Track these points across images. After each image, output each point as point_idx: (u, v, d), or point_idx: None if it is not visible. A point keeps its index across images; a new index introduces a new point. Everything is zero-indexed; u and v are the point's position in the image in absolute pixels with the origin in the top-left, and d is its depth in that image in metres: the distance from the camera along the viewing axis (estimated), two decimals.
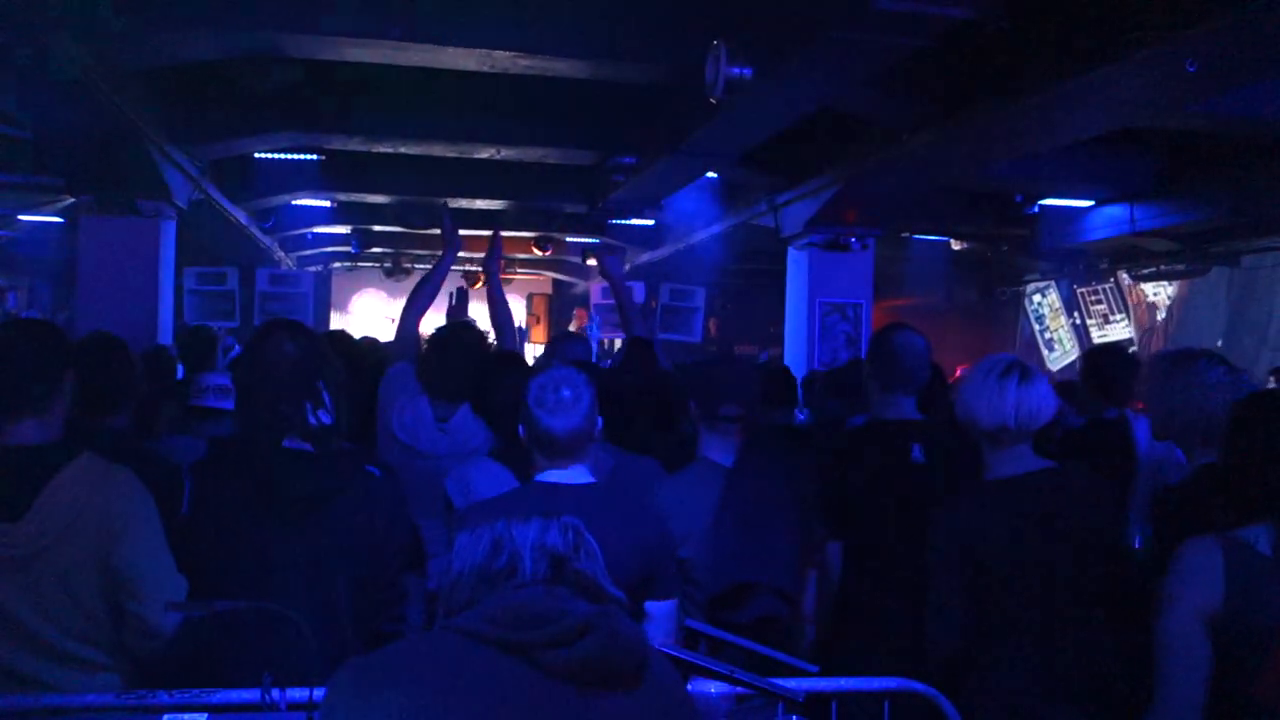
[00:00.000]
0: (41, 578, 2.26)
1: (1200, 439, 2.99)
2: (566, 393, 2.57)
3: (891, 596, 3.22)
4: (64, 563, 2.27)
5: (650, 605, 2.63)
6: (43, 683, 2.24)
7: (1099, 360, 4.84)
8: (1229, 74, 5.37)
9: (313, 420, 2.48)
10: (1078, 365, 5.28)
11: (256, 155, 9.80)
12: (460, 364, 3.76)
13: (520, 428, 2.65)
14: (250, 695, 2.09)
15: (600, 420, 2.68)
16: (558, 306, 19.27)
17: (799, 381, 5.71)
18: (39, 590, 2.26)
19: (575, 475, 2.62)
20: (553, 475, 2.62)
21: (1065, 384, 6.08)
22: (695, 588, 3.00)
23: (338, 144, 9.58)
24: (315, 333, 2.78)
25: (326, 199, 12.48)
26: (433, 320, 4.43)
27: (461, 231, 4.77)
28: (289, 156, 9.87)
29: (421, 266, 16.88)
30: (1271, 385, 9.04)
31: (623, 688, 1.46)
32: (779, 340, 11.04)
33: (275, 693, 2.03)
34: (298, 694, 2.02)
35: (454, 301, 5.84)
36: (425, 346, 4.03)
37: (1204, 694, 2.14)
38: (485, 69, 6.90)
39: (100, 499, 2.33)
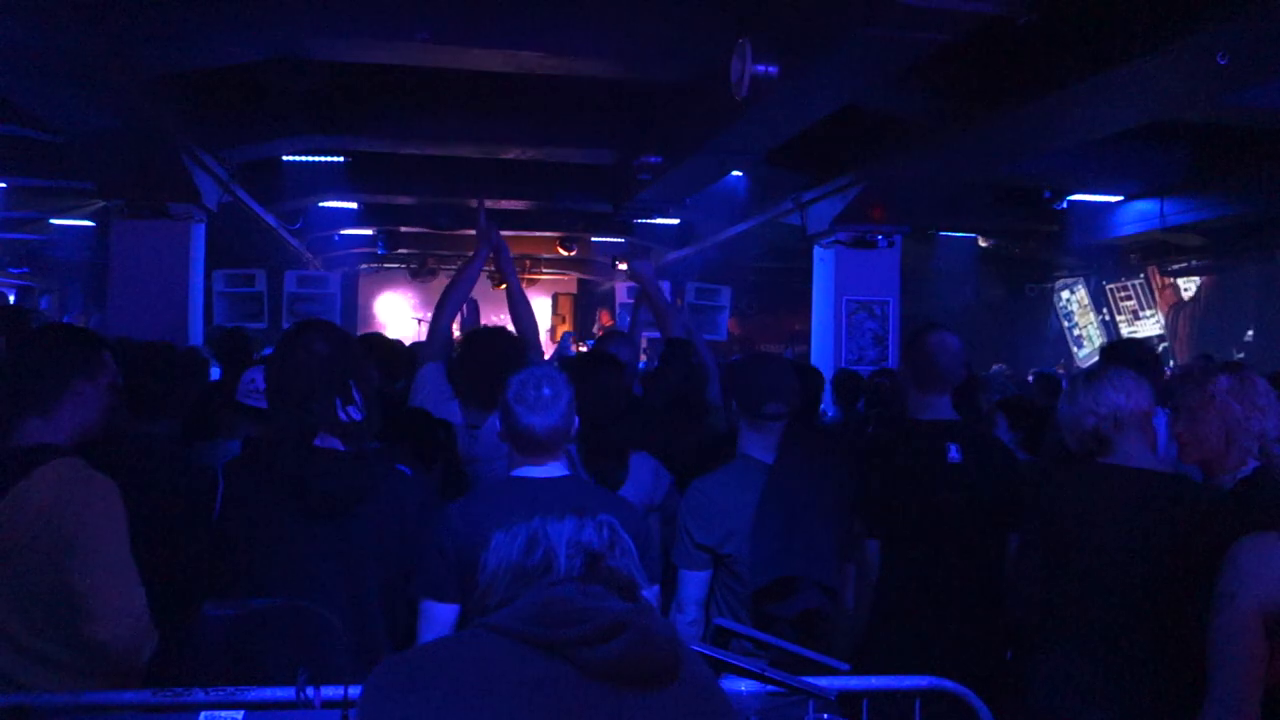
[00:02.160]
0: (3, 576, 2.25)
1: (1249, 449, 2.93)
2: (547, 390, 2.57)
3: (928, 595, 3.22)
4: (23, 565, 2.24)
5: None
6: (14, 681, 2.22)
7: (1117, 355, 4.76)
8: (1261, 66, 5.31)
9: (343, 417, 2.49)
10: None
11: (284, 158, 9.88)
12: (494, 370, 3.75)
13: (497, 422, 2.65)
14: (285, 693, 2.09)
15: (577, 420, 2.67)
16: (583, 306, 19.29)
17: (829, 380, 5.73)
18: (5, 587, 2.24)
19: (550, 471, 2.62)
20: (527, 470, 2.61)
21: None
22: (739, 582, 3.02)
23: (364, 146, 9.65)
24: (347, 333, 2.79)
25: (353, 201, 12.57)
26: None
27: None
28: (316, 159, 9.94)
29: (448, 268, 16.92)
30: None
31: (658, 685, 1.45)
32: (803, 338, 11.01)
33: (310, 690, 2.03)
34: (332, 691, 2.03)
35: (466, 313, 5.72)
36: (458, 350, 4.02)
37: (1260, 690, 2.14)
38: (511, 70, 6.92)
39: (66, 506, 2.27)
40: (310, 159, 9.98)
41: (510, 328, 4.15)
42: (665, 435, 3.75)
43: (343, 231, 14.38)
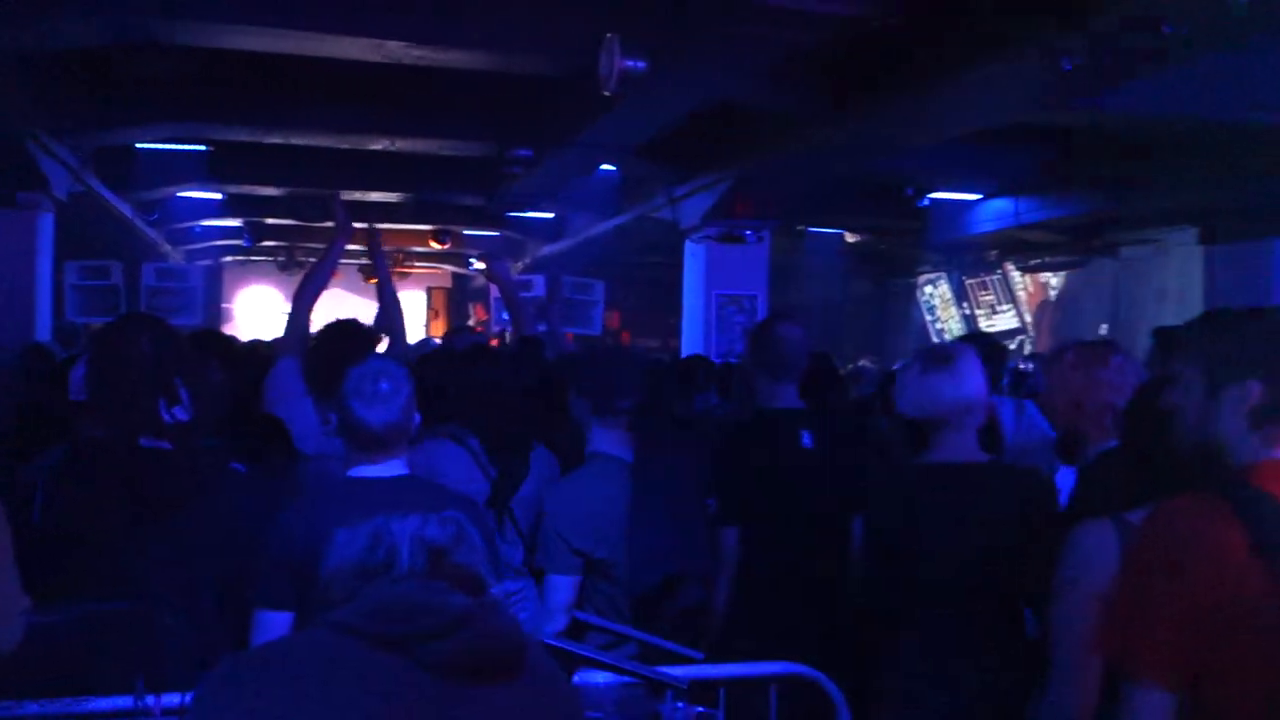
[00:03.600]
0: None
1: (1109, 427, 3.05)
2: (384, 385, 2.52)
3: (785, 581, 3.28)
4: None
5: None
6: None
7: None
8: (1104, 72, 5.57)
9: (168, 418, 2.41)
10: None
11: (141, 146, 9.49)
12: (346, 365, 3.68)
13: (334, 418, 2.60)
14: (123, 702, 2.03)
15: (418, 416, 2.64)
16: (458, 300, 19.09)
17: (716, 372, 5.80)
18: None
19: (388, 469, 2.57)
20: (364, 470, 2.56)
21: None
22: (612, 585, 2.99)
23: (226, 135, 9.35)
24: (172, 328, 2.69)
25: (215, 191, 12.15)
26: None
27: (355, 225, 4.65)
28: (174, 147, 9.59)
29: (316, 260, 16.52)
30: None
31: (501, 680, 1.45)
32: (679, 332, 11.12)
33: (150, 699, 1.98)
34: (172, 699, 1.98)
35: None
36: (311, 345, 3.93)
37: (1097, 677, 2.21)
38: (377, 59, 6.80)
39: None
40: (169, 147, 9.62)
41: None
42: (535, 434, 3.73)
43: (205, 223, 13.90)
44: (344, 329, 3.88)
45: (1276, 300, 9.14)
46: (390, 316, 4.34)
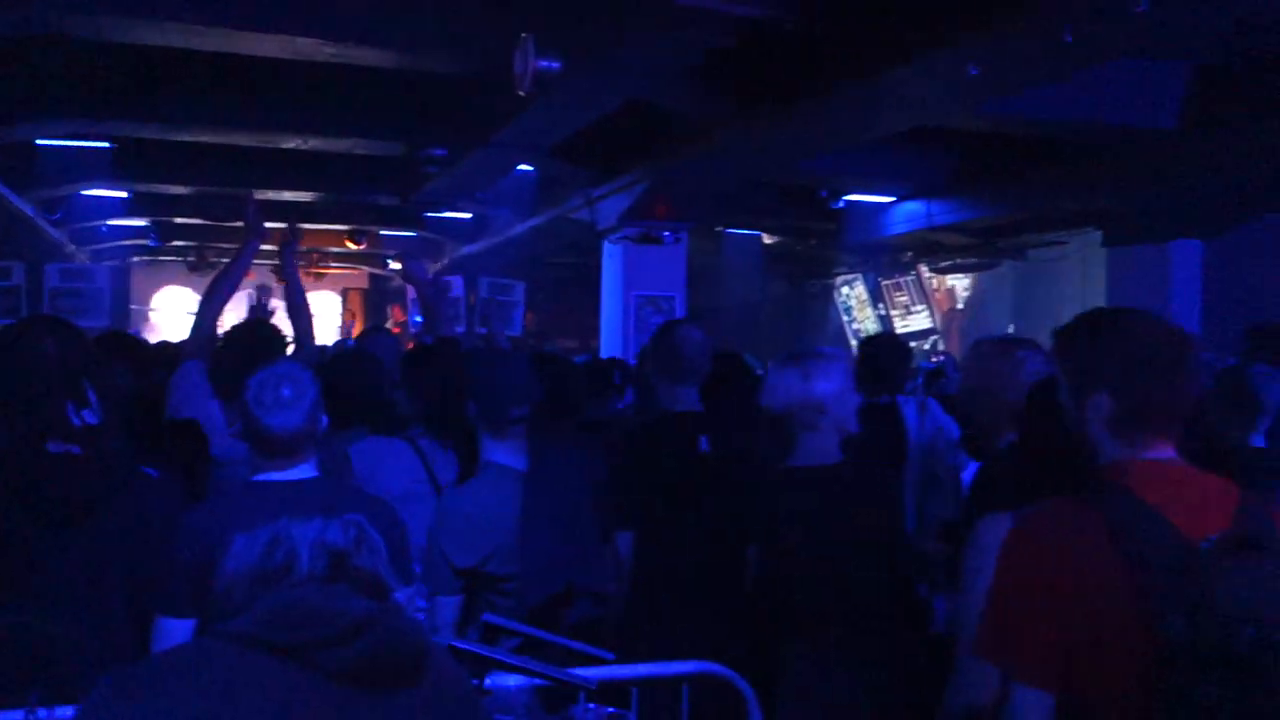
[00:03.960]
0: None
1: (1013, 422, 3.12)
2: (287, 391, 2.50)
3: (683, 584, 3.29)
4: None
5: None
6: None
7: (873, 349, 5.07)
8: (1008, 78, 5.72)
9: (76, 421, 2.35)
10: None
11: (40, 142, 9.19)
12: (253, 367, 3.61)
13: (239, 424, 2.58)
14: (14, 716, 1.96)
15: (325, 419, 2.61)
16: (374, 302, 18.83)
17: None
18: None
19: (294, 473, 2.55)
20: (269, 474, 2.54)
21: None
22: (507, 599, 2.93)
23: (131, 131, 9.10)
24: (79, 330, 2.63)
25: (122, 189, 11.82)
26: (232, 320, 4.25)
27: (268, 224, 4.57)
28: (77, 144, 9.29)
29: (229, 260, 16.19)
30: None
31: (400, 686, 1.43)
32: (599, 333, 11.11)
33: (42, 712, 1.91)
34: (65, 712, 1.92)
35: (255, 301, 5.51)
36: (218, 346, 3.85)
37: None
38: (288, 56, 6.69)
39: None
40: (71, 144, 9.32)
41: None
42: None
43: (111, 222, 13.50)
44: (252, 331, 3.82)
45: (1176, 301, 9.44)
46: (298, 320, 4.27)
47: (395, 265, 14.33)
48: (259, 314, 5.35)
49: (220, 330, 4.21)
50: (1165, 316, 1.97)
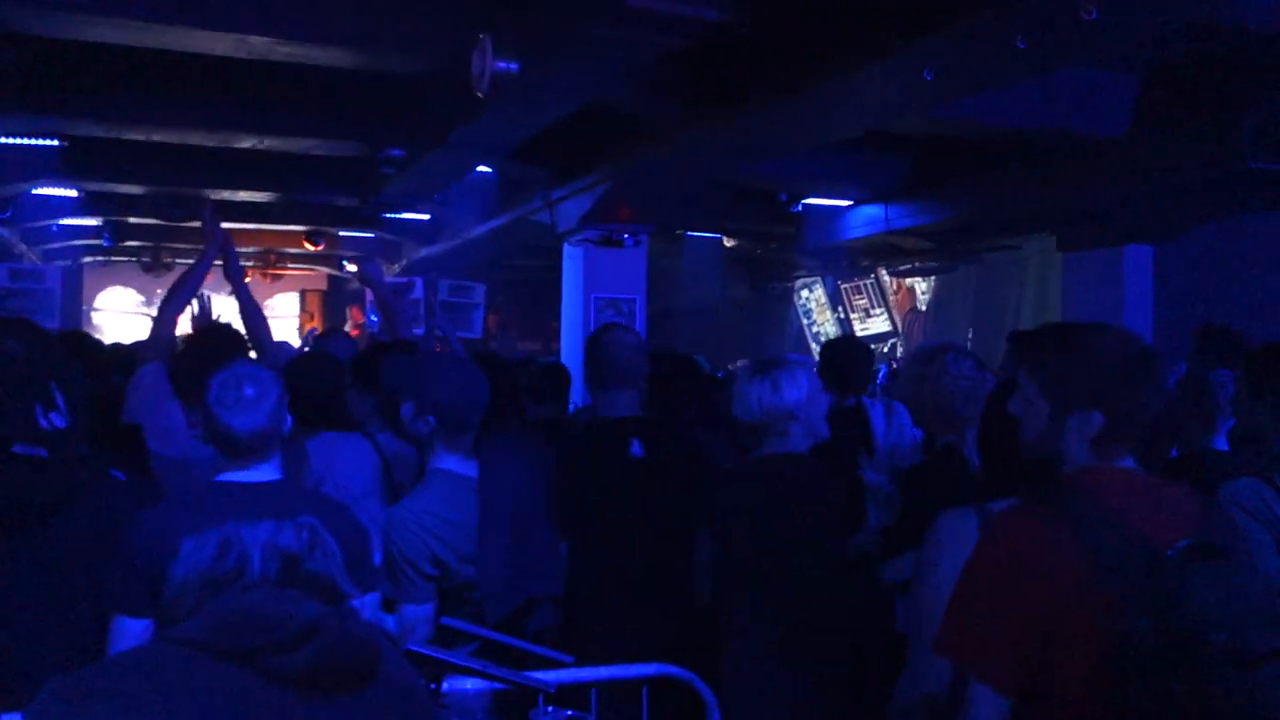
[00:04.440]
0: None
1: (943, 423, 3.20)
2: (249, 390, 2.49)
3: (620, 590, 3.29)
4: None
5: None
6: None
7: (833, 353, 5.10)
8: (963, 82, 5.77)
9: (45, 424, 2.32)
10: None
11: None
12: (217, 367, 3.57)
13: (203, 423, 2.56)
14: None
15: (290, 420, 2.60)
16: (333, 303, 18.67)
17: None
18: None
19: (257, 474, 2.54)
20: (231, 475, 2.53)
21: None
22: (469, 607, 2.91)
23: (83, 129, 8.95)
24: (46, 332, 2.60)
25: (73, 188, 11.65)
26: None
27: (224, 225, 4.51)
28: (25, 141, 9.13)
29: (184, 261, 16.03)
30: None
31: (350, 690, 1.42)
32: (560, 335, 11.10)
33: None
34: (12, 719, 1.88)
35: (198, 309, 5.33)
36: (181, 349, 3.82)
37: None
38: (242, 55, 6.61)
39: None
40: (19, 141, 9.16)
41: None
42: None
43: (62, 221, 13.30)
44: (214, 333, 3.78)
45: (1129, 305, 9.59)
46: (252, 324, 4.23)
47: (351, 268, 14.20)
48: (203, 319, 5.26)
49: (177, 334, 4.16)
50: (1124, 328, 2.03)
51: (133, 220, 13.47)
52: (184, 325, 4.17)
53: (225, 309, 7.13)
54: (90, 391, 3.56)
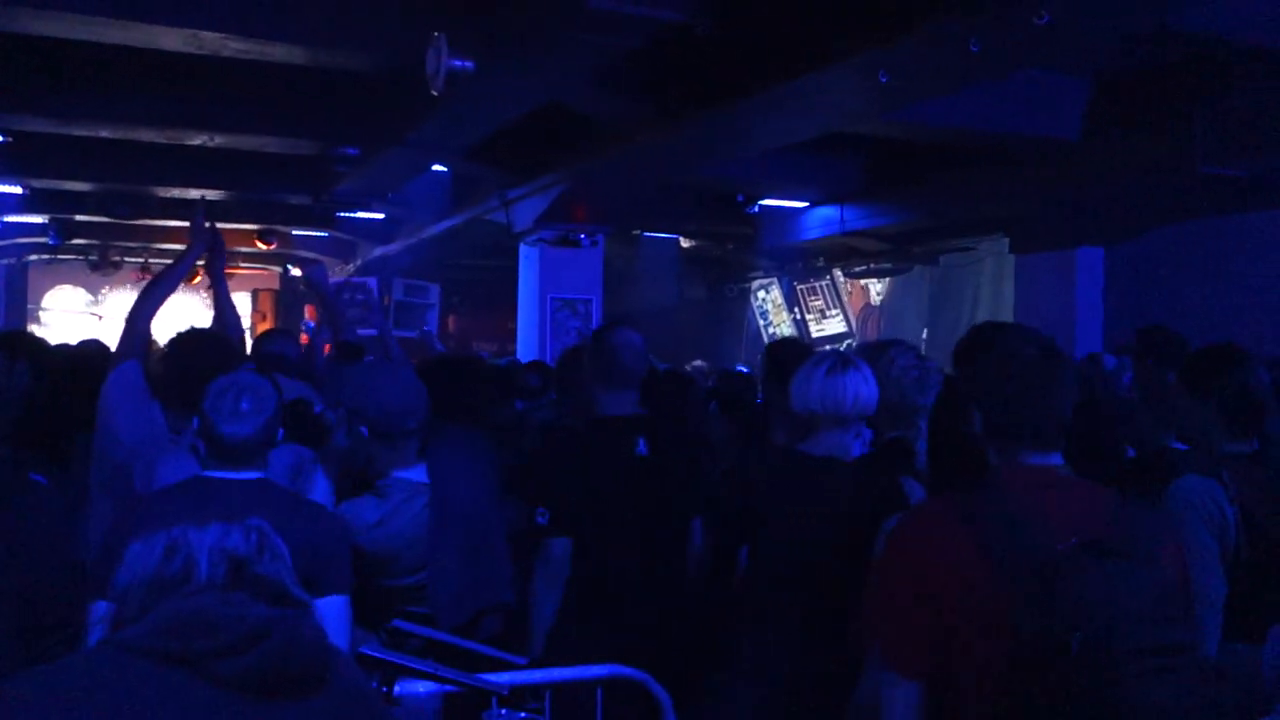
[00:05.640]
0: None
1: (889, 418, 3.22)
2: (246, 404, 2.52)
3: (620, 584, 3.29)
4: None
5: (319, 602, 2.55)
6: None
7: (778, 353, 5.10)
8: (916, 85, 5.81)
9: None
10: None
11: None
12: (203, 372, 3.48)
13: (195, 423, 2.57)
14: None
15: (281, 430, 2.62)
16: (286, 303, 18.45)
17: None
18: None
19: (241, 475, 2.55)
20: (217, 472, 2.54)
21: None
22: (423, 607, 2.91)
23: (26, 124, 8.77)
24: None
25: (17, 185, 11.41)
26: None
27: (175, 223, 4.45)
28: None
29: (132, 260, 15.79)
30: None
31: (300, 695, 1.40)
32: (515, 336, 11.05)
33: None
34: None
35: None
36: (162, 351, 3.75)
37: None
38: (193, 50, 6.51)
39: None
40: None
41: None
42: None
43: (6, 219, 13.03)
44: (202, 339, 3.68)
45: (1080, 307, 9.71)
46: (226, 326, 4.19)
47: (296, 272, 14.07)
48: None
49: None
50: (1031, 329, 2.09)
51: (80, 218, 13.23)
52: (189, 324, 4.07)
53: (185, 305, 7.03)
54: (28, 390, 3.48)
